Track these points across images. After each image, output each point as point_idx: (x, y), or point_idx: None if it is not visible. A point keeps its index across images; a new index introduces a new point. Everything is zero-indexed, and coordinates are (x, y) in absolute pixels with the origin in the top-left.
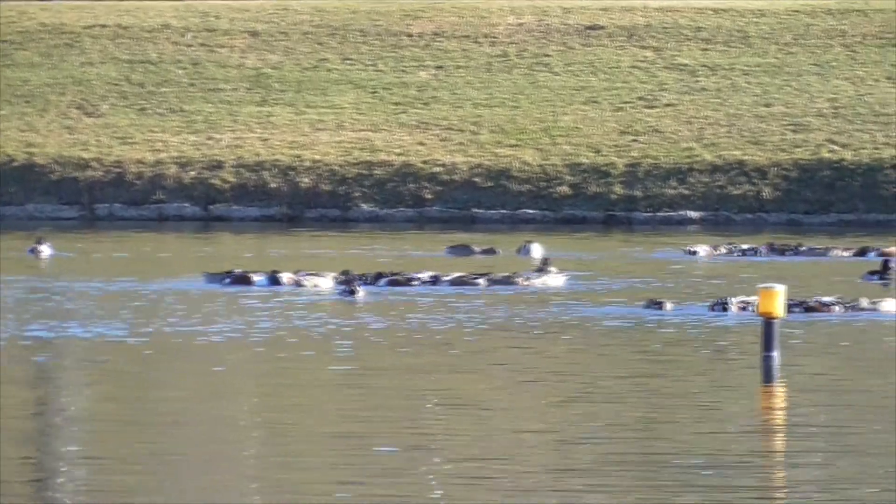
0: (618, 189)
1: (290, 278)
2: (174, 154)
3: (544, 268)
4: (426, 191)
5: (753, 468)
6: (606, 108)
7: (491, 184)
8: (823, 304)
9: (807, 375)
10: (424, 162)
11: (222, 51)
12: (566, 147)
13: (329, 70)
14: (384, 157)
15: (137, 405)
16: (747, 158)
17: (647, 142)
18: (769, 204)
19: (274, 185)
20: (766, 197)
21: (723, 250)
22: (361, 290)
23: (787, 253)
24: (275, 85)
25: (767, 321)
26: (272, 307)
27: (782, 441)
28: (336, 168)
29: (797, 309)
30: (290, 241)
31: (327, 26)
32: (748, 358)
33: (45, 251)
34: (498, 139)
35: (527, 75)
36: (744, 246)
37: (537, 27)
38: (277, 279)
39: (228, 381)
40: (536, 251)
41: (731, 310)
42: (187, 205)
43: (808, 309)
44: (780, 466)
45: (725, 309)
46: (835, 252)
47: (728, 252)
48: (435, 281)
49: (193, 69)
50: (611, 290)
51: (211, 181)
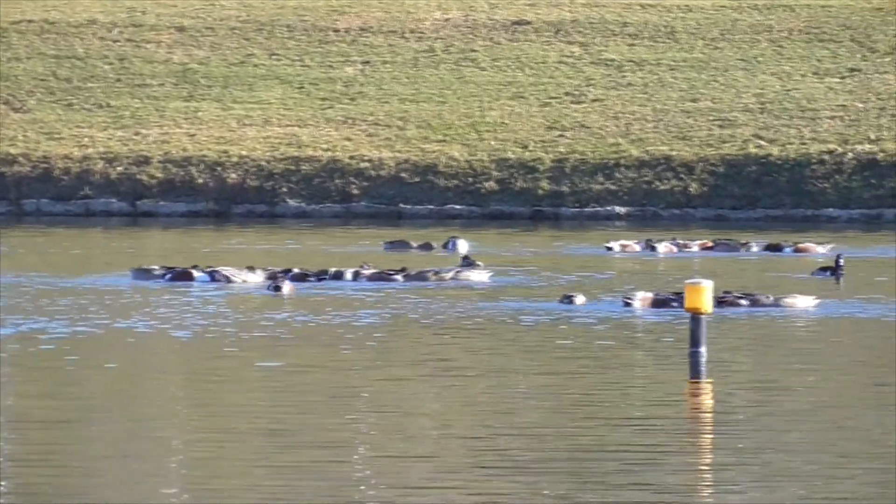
0: (545, 184)
1: (224, 274)
2: (101, 150)
3: (466, 263)
4: (353, 186)
5: (680, 464)
6: (533, 104)
7: (418, 179)
8: (738, 299)
9: (734, 371)
10: (351, 157)
11: (149, 46)
12: (493, 142)
13: (256, 66)
14: (311, 153)
15: (58, 403)
16: (674, 154)
17: (574, 137)
18: (696, 199)
19: (201, 181)
20: (693, 192)
21: (670, 247)
22: (287, 286)
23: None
24: (201, 80)
25: (695, 317)
26: (194, 302)
27: (709, 437)
28: (263, 163)
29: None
30: (218, 237)
31: (254, 22)
32: (671, 352)
33: None
34: (425, 134)
35: (453, 71)
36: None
37: (464, 22)
38: (225, 276)
39: (151, 378)
40: (463, 247)
41: (636, 304)
42: (114, 200)
43: (722, 303)
44: (708, 463)
45: (628, 304)
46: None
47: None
48: (355, 276)
49: (120, 65)
50: (533, 286)
51: (138, 176)
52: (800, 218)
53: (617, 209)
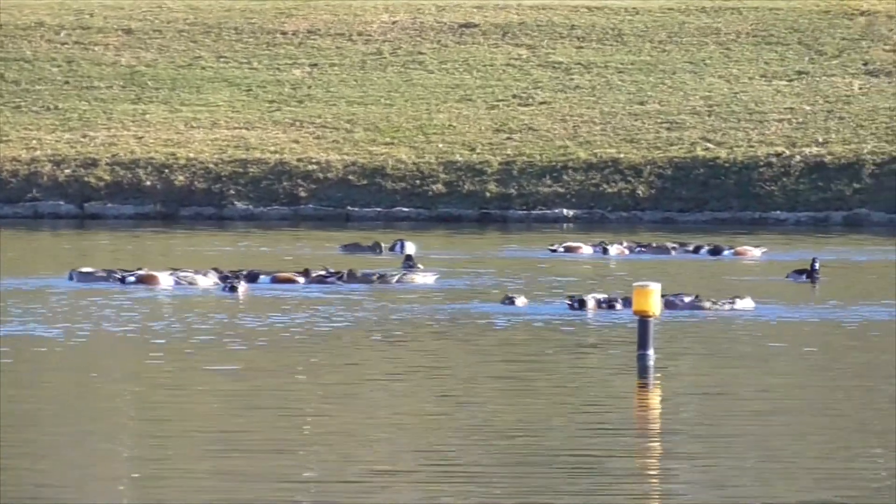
0: (492, 187)
1: (187, 277)
2: (49, 152)
3: (409, 265)
4: (301, 189)
5: (627, 468)
6: (481, 106)
7: (366, 182)
8: (683, 302)
9: (680, 374)
10: (299, 160)
11: (97, 48)
12: (441, 145)
13: (203, 68)
14: (259, 155)
15: (7, 406)
16: (622, 156)
17: (522, 140)
18: (644, 202)
19: (149, 183)
20: (641, 195)
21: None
22: (242, 287)
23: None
24: (149, 83)
25: (642, 319)
26: (145, 305)
27: (657, 441)
28: (211, 166)
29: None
30: (169, 239)
31: (202, 24)
32: (616, 355)
33: None
34: (372, 137)
35: (401, 73)
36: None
37: (411, 25)
38: (188, 279)
39: (102, 381)
40: (410, 249)
41: (589, 306)
42: (62, 203)
43: (668, 305)
44: (656, 467)
45: (583, 306)
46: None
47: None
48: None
49: (68, 67)
50: (478, 288)
51: (86, 179)
52: (747, 221)
53: (565, 212)
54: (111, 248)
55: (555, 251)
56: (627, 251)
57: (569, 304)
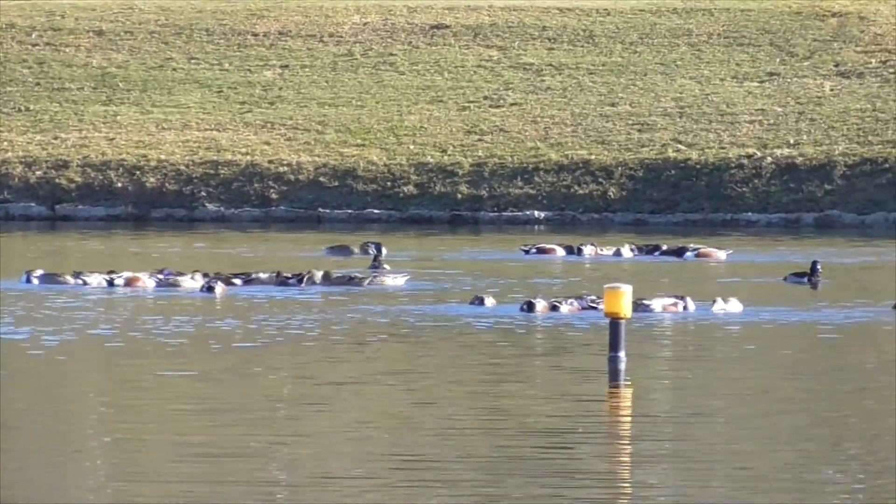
0: (463, 189)
1: (223, 288)
2: (20, 153)
3: (375, 266)
4: (272, 190)
5: (598, 471)
6: (452, 108)
7: (337, 183)
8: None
9: (652, 376)
10: (270, 161)
11: (68, 50)
12: (412, 147)
13: (174, 69)
14: (230, 157)
15: None
16: (593, 158)
17: (493, 141)
18: (615, 203)
19: (120, 185)
20: (612, 196)
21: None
22: (220, 288)
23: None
24: (120, 84)
25: (614, 321)
26: (104, 307)
27: (629, 445)
28: (182, 168)
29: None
30: (145, 241)
31: (173, 25)
32: (590, 357)
33: None
34: (343, 139)
35: (372, 75)
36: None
37: (382, 26)
38: (172, 281)
39: (69, 385)
40: (383, 252)
41: (537, 309)
42: (33, 204)
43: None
44: (627, 471)
45: (532, 308)
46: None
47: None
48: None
49: (39, 68)
50: (449, 290)
51: (57, 181)
52: (719, 222)
53: (536, 213)
54: (76, 251)
55: (527, 252)
56: (601, 252)
57: (523, 307)
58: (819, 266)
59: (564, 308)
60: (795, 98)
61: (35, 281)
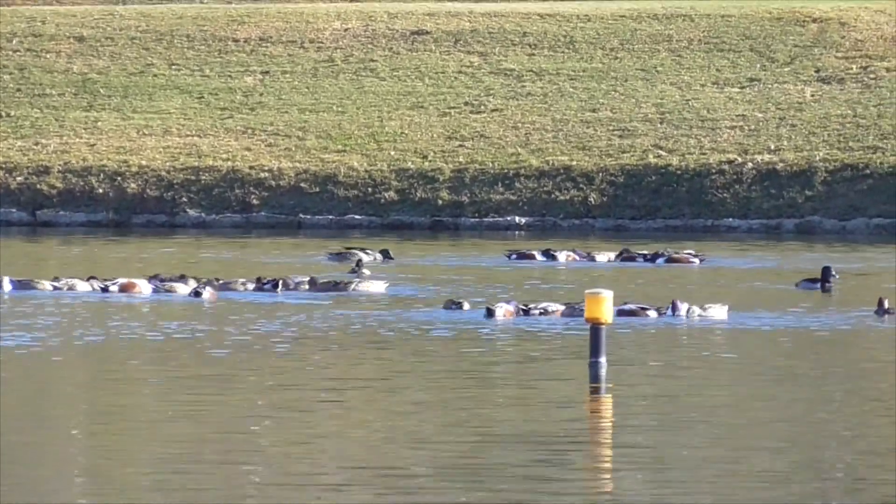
0: (444, 194)
1: (212, 293)
2: (1, 160)
3: (356, 271)
4: (253, 196)
5: (579, 478)
6: (433, 114)
7: (317, 189)
8: (642, 309)
9: (632, 382)
10: (251, 167)
11: (49, 56)
12: (393, 152)
13: (155, 75)
14: (211, 163)
15: None
16: (574, 164)
17: (474, 147)
18: (596, 209)
19: (101, 191)
20: (593, 202)
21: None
22: (208, 292)
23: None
24: (101, 90)
25: (594, 327)
26: (91, 312)
27: (608, 449)
28: (163, 173)
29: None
30: (124, 247)
31: (153, 31)
32: (571, 362)
33: None
34: (324, 145)
35: (353, 80)
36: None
37: (363, 32)
38: (168, 286)
39: (52, 389)
40: (366, 258)
41: (497, 315)
42: (14, 210)
43: (622, 313)
44: (607, 475)
45: (459, 306)
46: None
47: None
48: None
49: (20, 74)
50: (429, 296)
51: (38, 186)
52: (700, 228)
53: (517, 219)
54: (53, 257)
55: (511, 257)
56: (577, 257)
57: (487, 311)
58: (833, 272)
59: (535, 312)
60: (776, 104)
61: (7, 287)
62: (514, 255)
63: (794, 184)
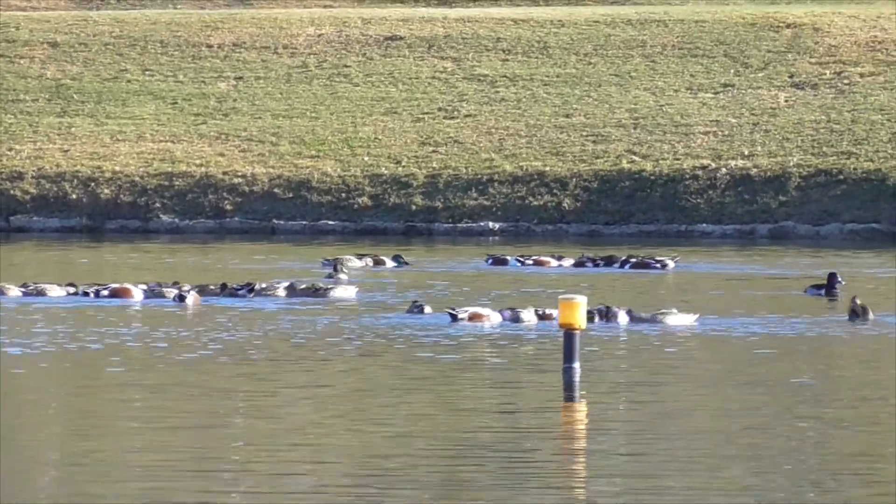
0: (418, 200)
1: (196, 299)
2: None
3: (331, 275)
4: (226, 202)
5: (553, 484)
6: (406, 119)
7: (291, 195)
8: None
9: (606, 388)
10: (224, 173)
11: (22, 62)
12: (366, 158)
13: (129, 81)
14: (184, 168)
15: None
16: (547, 169)
17: (448, 153)
18: (570, 215)
19: (74, 197)
20: (567, 208)
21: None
22: (192, 297)
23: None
24: (75, 96)
25: (568, 332)
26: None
27: (583, 459)
28: (136, 179)
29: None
30: (99, 252)
31: (127, 37)
32: (545, 368)
33: None
34: (298, 150)
35: (326, 86)
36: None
37: (337, 38)
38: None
39: (28, 395)
40: (356, 263)
41: (426, 310)
42: None
43: (600, 316)
44: (581, 482)
45: (422, 310)
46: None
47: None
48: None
49: None
50: (399, 302)
51: (11, 192)
52: (673, 233)
53: (491, 225)
54: (26, 262)
55: (488, 263)
56: (554, 262)
57: (451, 316)
58: (839, 278)
59: (495, 317)
60: (750, 109)
61: None
62: (491, 260)
63: (768, 189)
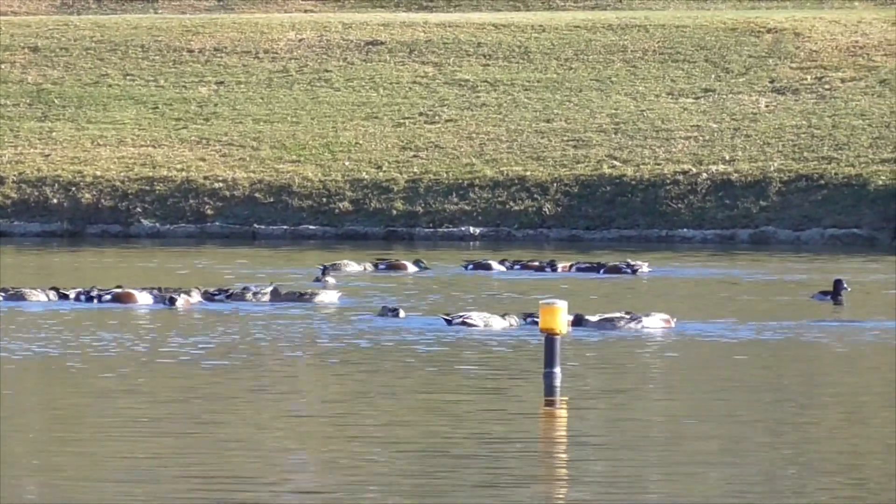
0: (399, 205)
1: (186, 301)
2: None
3: (318, 279)
4: (207, 206)
5: (533, 491)
6: (387, 124)
7: (272, 199)
8: (604, 320)
9: (587, 393)
10: (205, 177)
11: (3, 66)
12: (347, 163)
13: (110, 86)
14: (165, 173)
15: None
16: (528, 174)
17: (428, 157)
18: (550, 219)
19: (55, 201)
20: (548, 213)
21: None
22: (182, 300)
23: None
24: (56, 100)
25: (549, 337)
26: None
27: (563, 461)
28: (117, 184)
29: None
30: (83, 257)
31: (108, 42)
32: (525, 373)
33: None
34: (279, 155)
35: (307, 91)
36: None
37: (318, 43)
38: (169, 296)
39: (11, 399)
40: (352, 267)
41: (401, 315)
42: None
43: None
44: (562, 484)
45: (396, 314)
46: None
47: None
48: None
49: None
50: (378, 306)
51: None
52: (654, 238)
53: (471, 229)
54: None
55: (468, 268)
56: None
57: (445, 320)
58: (845, 284)
59: (478, 320)
60: (731, 114)
61: None
62: (471, 266)
63: (749, 194)
